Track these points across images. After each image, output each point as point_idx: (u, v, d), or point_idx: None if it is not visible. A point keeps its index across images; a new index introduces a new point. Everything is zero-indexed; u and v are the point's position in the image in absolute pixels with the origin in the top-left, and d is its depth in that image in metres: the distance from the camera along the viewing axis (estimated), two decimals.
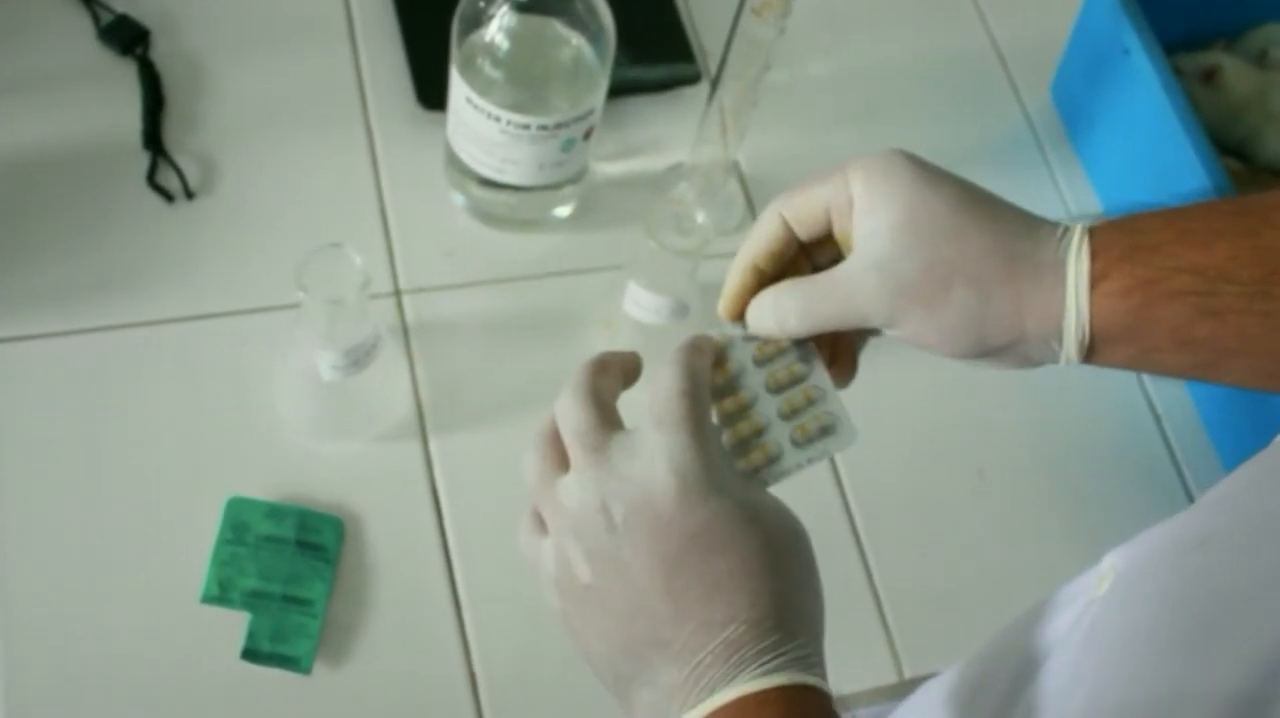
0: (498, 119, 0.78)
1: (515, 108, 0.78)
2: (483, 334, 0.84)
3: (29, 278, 0.79)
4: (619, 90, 0.86)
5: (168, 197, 0.84)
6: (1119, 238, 0.53)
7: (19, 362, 0.77)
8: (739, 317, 0.57)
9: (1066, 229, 0.54)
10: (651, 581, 0.49)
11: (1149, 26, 0.91)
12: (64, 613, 0.71)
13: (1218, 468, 0.89)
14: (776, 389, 0.57)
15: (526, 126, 0.78)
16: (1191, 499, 0.88)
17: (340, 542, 0.75)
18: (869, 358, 0.89)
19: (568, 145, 0.81)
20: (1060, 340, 0.54)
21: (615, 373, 0.55)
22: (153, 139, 0.85)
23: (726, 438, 0.56)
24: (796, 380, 0.57)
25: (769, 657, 0.48)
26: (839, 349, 0.59)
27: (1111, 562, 0.53)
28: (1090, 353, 0.54)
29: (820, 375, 0.58)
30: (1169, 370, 0.55)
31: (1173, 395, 0.92)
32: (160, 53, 0.89)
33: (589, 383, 0.54)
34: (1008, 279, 0.53)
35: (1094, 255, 0.53)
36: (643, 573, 0.49)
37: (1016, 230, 0.53)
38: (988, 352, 0.55)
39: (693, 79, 0.96)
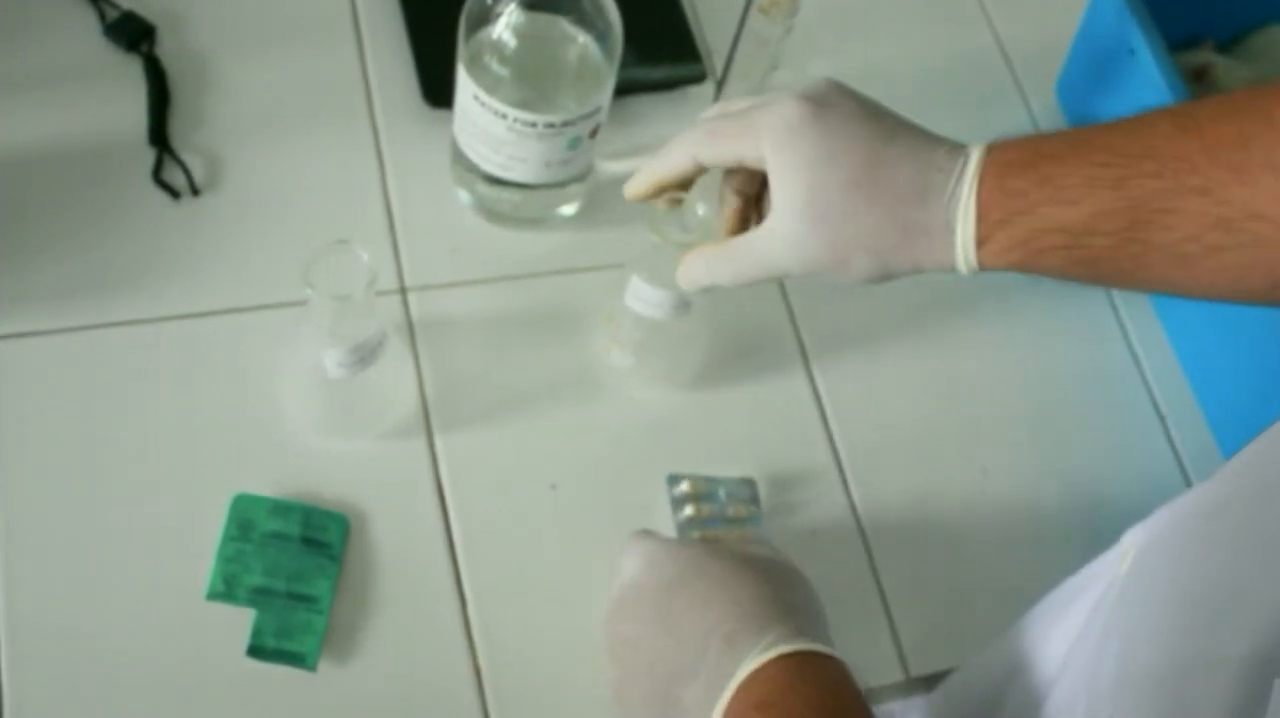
0: (504, 116, 0.78)
1: (522, 105, 0.78)
2: (488, 332, 0.84)
3: (34, 275, 0.79)
4: (625, 89, 0.86)
5: (173, 193, 0.84)
6: (1000, 199, 0.60)
7: (24, 358, 0.77)
8: (638, 198, 0.70)
9: (958, 179, 0.60)
10: (652, 629, 0.60)
11: (1155, 27, 0.91)
12: (69, 610, 0.71)
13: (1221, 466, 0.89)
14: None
15: (533, 124, 0.78)
16: None
17: (345, 539, 0.75)
18: (871, 360, 0.90)
19: (574, 143, 0.81)
20: (953, 248, 0.61)
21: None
22: (158, 136, 0.85)
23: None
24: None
25: (765, 637, 0.56)
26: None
27: (1131, 539, 0.54)
28: (990, 257, 0.61)
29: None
30: (1053, 271, 0.62)
31: (1177, 394, 0.93)
32: (166, 49, 0.89)
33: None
34: (903, 244, 0.61)
35: (978, 219, 0.60)
36: (643, 630, 0.61)
37: (908, 198, 0.60)
38: (890, 274, 0.63)
39: (698, 78, 0.96)
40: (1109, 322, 0.95)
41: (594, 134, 0.82)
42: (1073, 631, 0.56)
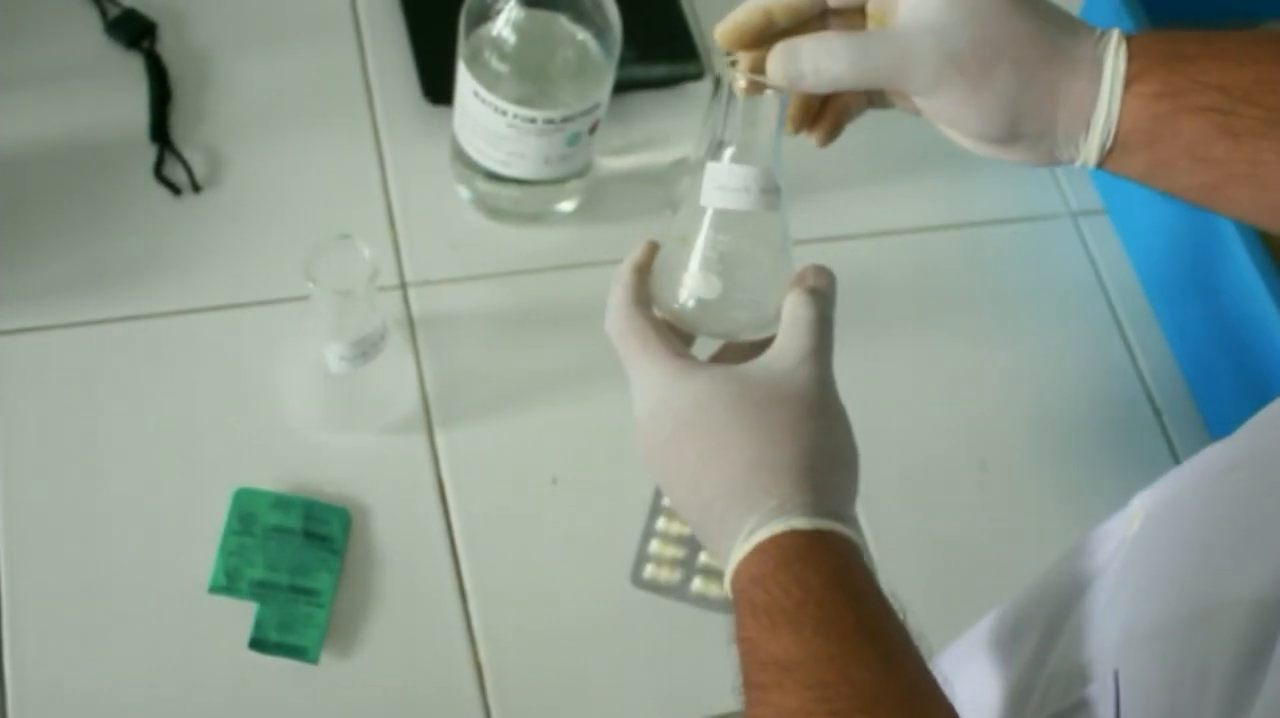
0: (504, 113, 0.78)
1: (521, 102, 0.78)
2: (488, 327, 0.84)
3: (37, 271, 0.80)
4: (624, 86, 0.87)
5: (175, 190, 0.84)
6: (1156, 45, 0.55)
7: (28, 353, 0.77)
8: (733, 48, 0.56)
9: (1105, 32, 0.55)
10: (666, 482, 0.55)
11: (1149, 24, 0.92)
12: (72, 603, 0.71)
13: None
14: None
15: (533, 120, 0.79)
16: None
17: (347, 533, 0.76)
18: (870, 355, 0.90)
19: (573, 140, 0.81)
20: (1085, 137, 0.55)
21: (647, 307, 0.57)
22: (160, 132, 0.85)
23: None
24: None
25: (747, 517, 0.51)
26: (828, 111, 0.60)
27: (1140, 503, 0.54)
28: (1108, 157, 0.55)
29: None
30: (1176, 189, 0.56)
31: (1173, 390, 0.93)
32: (167, 46, 0.89)
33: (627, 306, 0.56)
34: (1048, 67, 0.54)
35: (1131, 57, 0.54)
36: (662, 477, 0.55)
37: (1060, 24, 0.55)
38: (1016, 137, 0.56)
39: (697, 75, 0.96)
40: (1106, 320, 0.95)
41: (593, 130, 0.82)
42: (1081, 588, 0.56)
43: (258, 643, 0.71)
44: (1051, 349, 0.93)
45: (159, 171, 0.84)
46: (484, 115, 0.79)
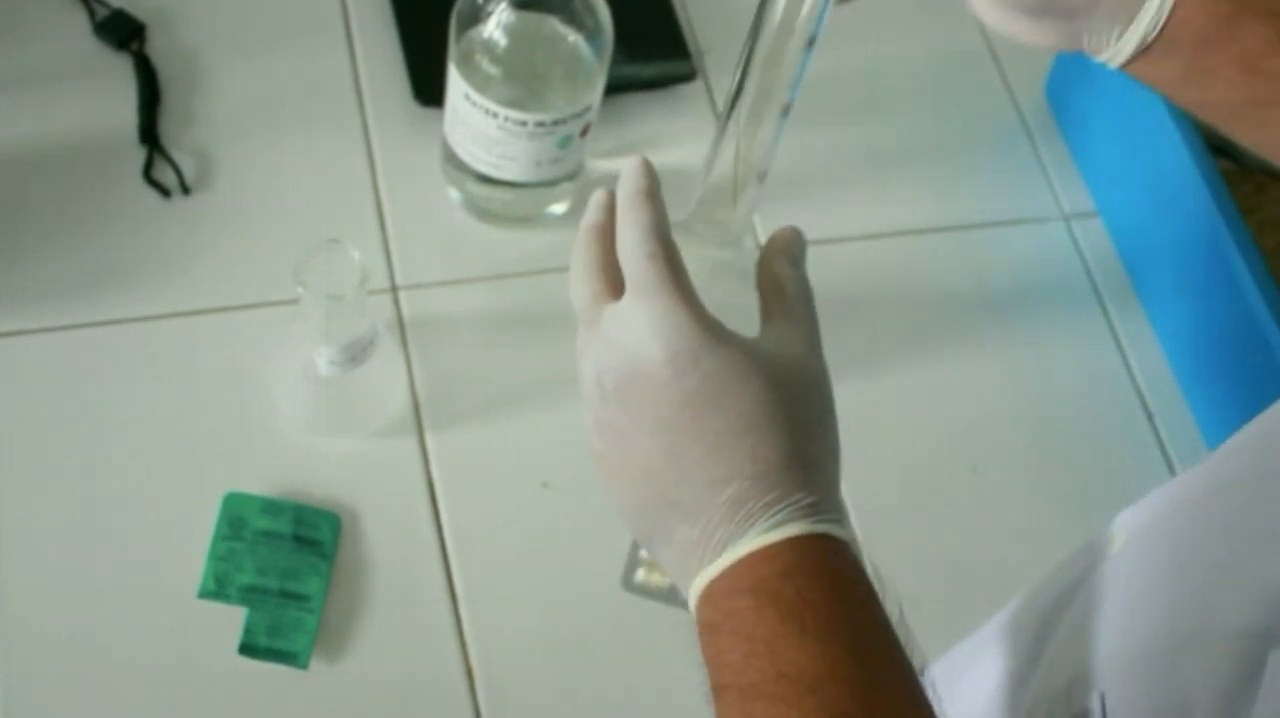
0: (495, 115, 0.78)
1: (512, 104, 0.78)
2: (478, 330, 0.84)
3: (24, 273, 0.79)
4: (615, 88, 0.87)
5: (164, 192, 0.84)
6: None
7: (15, 357, 0.77)
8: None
9: None
10: (653, 444, 0.48)
11: None
12: (61, 608, 0.71)
13: None
14: None
15: (524, 123, 0.78)
16: None
17: (337, 537, 0.75)
18: (861, 358, 0.90)
19: (565, 142, 0.81)
20: (1125, 27, 0.50)
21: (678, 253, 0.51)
22: (149, 134, 0.85)
23: None
24: None
25: (777, 508, 0.46)
26: None
27: (1122, 523, 0.53)
28: (1142, 54, 0.50)
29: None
30: (1209, 101, 0.52)
31: (1165, 393, 0.93)
32: (156, 48, 0.89)
33: (586, 255, 0.52)
34: None
35: None
36: (641, 439, 0.48)
37: None
38: (1050, 8, 0.51)
39: (688, 77, 0.96)
40: (1098, 322, 0.95)
41: (585, 133, 0.82)
42: (1056, 613, 0.56)
43: (247, 648, 0.71)
44: (1044, 352, 0.93)
45: (148, 173, 0.84)
46: (475, 118, 0.79)
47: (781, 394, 0.48)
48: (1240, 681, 0.40)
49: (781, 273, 0.52)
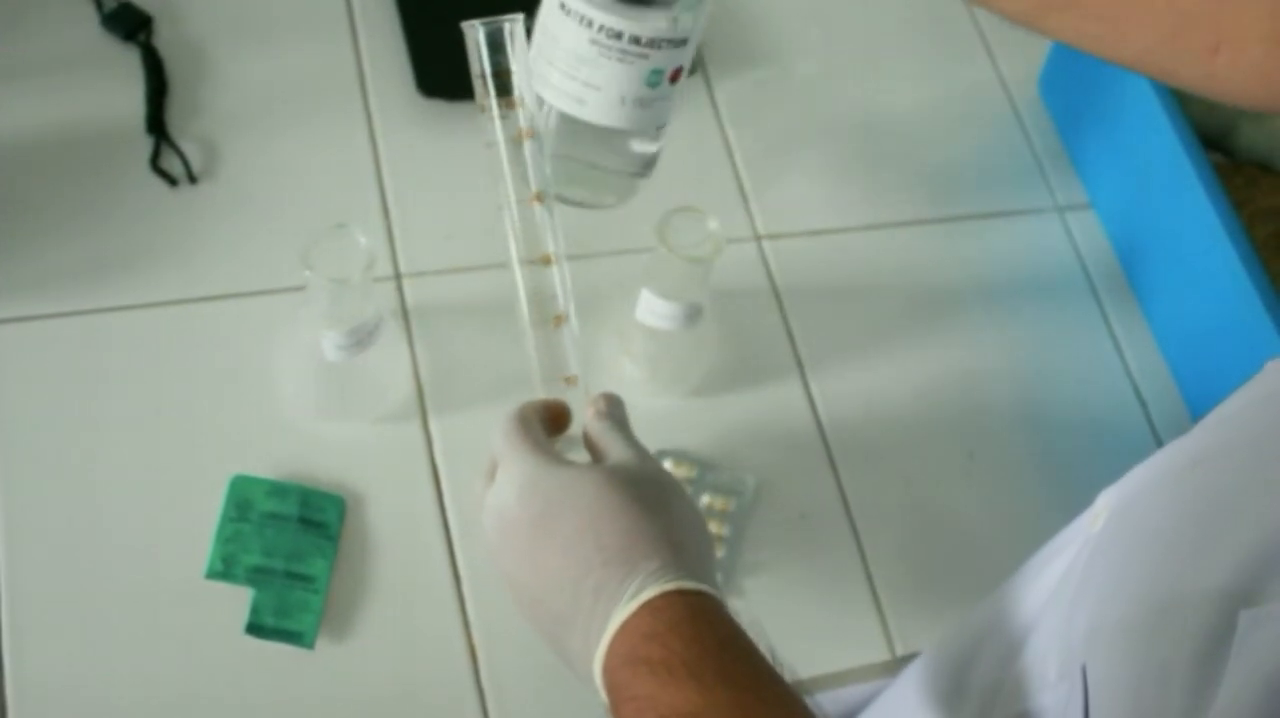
0: (590, 23, 0.73)
1: (609, 10, 0.72)
2: (481, 318, 0.85)
3: (34, 261, 0.80)
4: None
5: (171, 181, 0.85)
6: None
7: (24, 342, 0.78)
8: None
9: None
10: (528, 572, 0.57)
11: None
12: (70, 589, 0.72)
13: None
14: None
15: (618, 35, 0.74)
16: None
17: (342, 520, 0.76)
18: (858, 348, 0.90)
19: (654, 79, 0.76)
20: None
21: (537, 423, 0.63)
22: (156, 124, 0.86)
23: None
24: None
25: (629, 582, 0.54)
26: None
27: (1105, 500, 0.55)
28: None
29: None
30: (1008, 12, 0.60)
31: (1158, 382, 0.94)
32: (163, 39, 0.90)
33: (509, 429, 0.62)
34: None
35: None
36: (521, 574, 0.57)
37: None
38: None
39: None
40: (1093, 312, 0.97)
41: (675, 79, 0.77)
42: (1044, 592, 0.57)
43: (254, 628, 0.72)
44: (1038, 342, 0.94)
45: (155, 163, 0.85)
46: (566, 31, 0.74)
47: (616, 490, 0.57)
48: (1214, 641, 0.41)
49: (593, 427, 0.63)
